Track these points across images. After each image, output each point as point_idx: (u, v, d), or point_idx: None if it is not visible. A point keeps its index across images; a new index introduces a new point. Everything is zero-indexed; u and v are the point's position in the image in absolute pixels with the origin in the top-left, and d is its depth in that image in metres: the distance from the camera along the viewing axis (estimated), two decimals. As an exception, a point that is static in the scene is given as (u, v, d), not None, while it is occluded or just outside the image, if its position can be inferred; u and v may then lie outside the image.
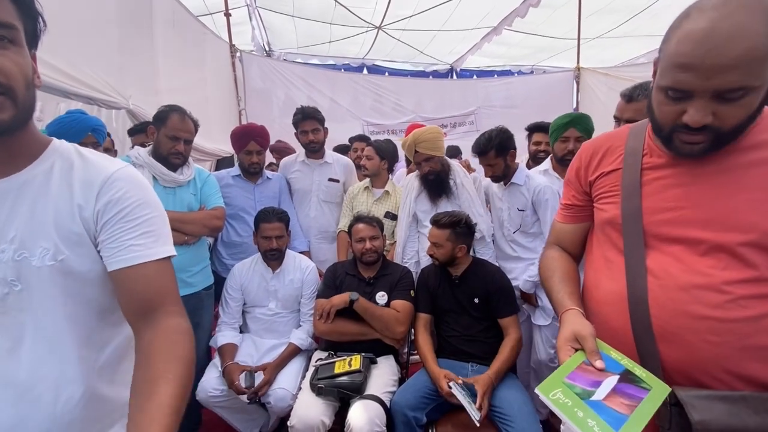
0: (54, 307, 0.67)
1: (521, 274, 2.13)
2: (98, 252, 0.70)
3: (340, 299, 1.94)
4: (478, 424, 1.52)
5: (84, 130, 1.79)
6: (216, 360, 1.96)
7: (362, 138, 3.51)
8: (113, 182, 0.71)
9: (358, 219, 2.15)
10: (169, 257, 0.75)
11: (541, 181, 2.08)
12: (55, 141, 0.73)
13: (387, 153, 2.61)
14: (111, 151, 2.39)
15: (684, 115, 0.70)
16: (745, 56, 0.62)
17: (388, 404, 1.70)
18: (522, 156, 2.59)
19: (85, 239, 0.69)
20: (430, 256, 1.97)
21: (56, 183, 0.68)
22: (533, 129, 2.67)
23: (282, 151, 3.54)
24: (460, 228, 1.92)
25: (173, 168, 1.84)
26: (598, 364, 0.73)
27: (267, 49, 5.69)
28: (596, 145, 0.94)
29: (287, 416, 1.72)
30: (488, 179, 2.28)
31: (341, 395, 1.72)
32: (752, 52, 0.62)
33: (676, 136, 0.74)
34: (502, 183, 2.19)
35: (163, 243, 0.75)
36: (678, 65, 0.68)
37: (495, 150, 2.06)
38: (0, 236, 0.65)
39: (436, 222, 1.95)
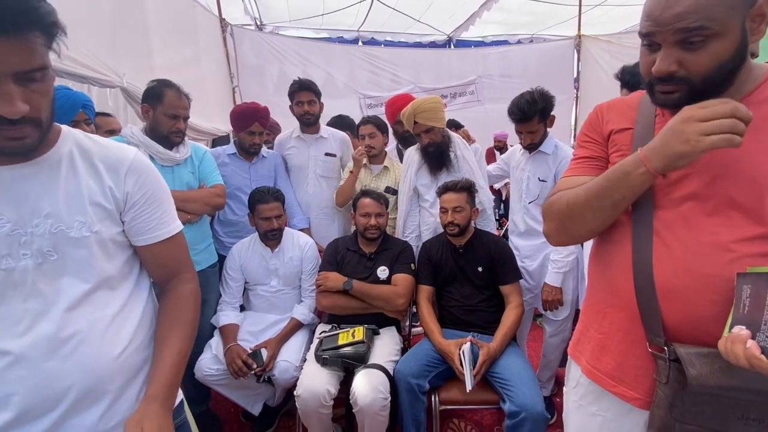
0: (87, 272, 0.76)
1: (528, 256, 2.08)
2: (122, 225, 0.83)
3: (335, 282, 1.96)
4: (468, 390, 1.58)
5: (75, 107, 1.74)
6: (211, 340, 1.96)
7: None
8: (135, 167, 0.82)
9: (365, 193, 2.13)
10: (180, 230, 0.92)
11: (572, 152, 2.00)
12: (64, 127, 0.79)
13: (385, 128, 2.56)
14: (116, 132, 2.30)
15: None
16: (696, 2, 0.67)
17: (391, 373, 1.74)
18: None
19: (114, 215, 0.80)
20: (449, 224, 1.92)
21: (81, 165, 0.76)
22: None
23: (273, 127, 3.45)
24: (473, 190, 1.96)
25: (172, 146, 1.80)
26: None
27: (258, 23, 5.51)
28: (610, 104, 0.95)
29: (293, 388, 1.76)
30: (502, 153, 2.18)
31: (345, 365, 1.76)
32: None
33: (655, 87, 0.77)
34: (527, 151, 2.03)
35: (175, 219, 0.91)
36: (644, 17, 0.75)
37: (539, 115, 1.83)
38: (33, 212, 0.71)
39: (452, 187, 1.93)
